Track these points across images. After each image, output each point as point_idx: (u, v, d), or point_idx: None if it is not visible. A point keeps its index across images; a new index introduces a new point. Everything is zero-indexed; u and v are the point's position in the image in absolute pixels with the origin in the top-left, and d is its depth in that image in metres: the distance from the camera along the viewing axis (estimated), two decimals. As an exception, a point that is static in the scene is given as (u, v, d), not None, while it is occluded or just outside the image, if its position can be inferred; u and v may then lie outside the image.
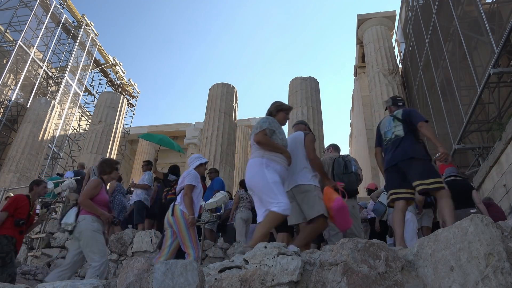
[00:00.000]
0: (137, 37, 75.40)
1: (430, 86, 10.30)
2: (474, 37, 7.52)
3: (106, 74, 22.25)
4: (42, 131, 15.19)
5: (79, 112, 20.67)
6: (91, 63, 20.51)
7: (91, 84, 21.91)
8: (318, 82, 12.71)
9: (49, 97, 17.29)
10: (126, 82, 22.83)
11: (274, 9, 74.48)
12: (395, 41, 14.09)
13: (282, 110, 3.26)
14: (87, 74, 20.36)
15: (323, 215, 2.93)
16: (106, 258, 3.47)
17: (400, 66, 13.56)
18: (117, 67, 22.07)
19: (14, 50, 15.61)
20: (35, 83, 17.02)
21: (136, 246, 5.52)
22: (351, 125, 21.28)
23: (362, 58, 15.09)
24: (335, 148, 4.59)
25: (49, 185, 6.63)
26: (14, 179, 13.57)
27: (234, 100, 13.14)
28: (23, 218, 4.09)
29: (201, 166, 4.06)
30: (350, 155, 4.89)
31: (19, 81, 16.14)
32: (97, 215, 3.57)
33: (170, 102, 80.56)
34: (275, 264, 1.79)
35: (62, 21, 18.51)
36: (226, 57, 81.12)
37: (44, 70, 17.68)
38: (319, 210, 2.93)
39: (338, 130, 69.44)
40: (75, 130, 20.21)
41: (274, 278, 1.75)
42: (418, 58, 11.17)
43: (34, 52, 16.92)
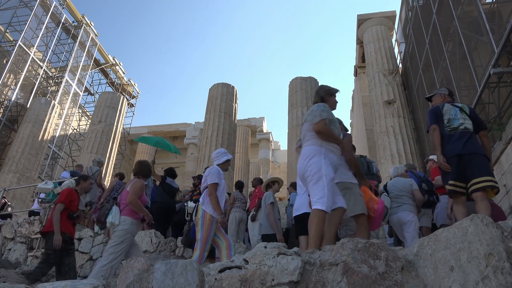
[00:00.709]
0: (137, 37, 75.40)
1: (430, 86, 10.30)
2: (474, 37, 7.52)
3: (106, 74, 22.25)
4: (42, 131, 15.19)
5: (79, 112, 20.67)
6: (91, 63, 20.51)
7: (91, 84, 21.93)
8: (318, 82, 12.71)
9: (49, 97, 17.29)
10: (126, 82, 22.82)
11: (274, 9, 74.49)
12: (395, 41, 14.09)
13: (332, 94, 3.16)
14: (87, 74, 20.36)
15: (364, 214, 3.00)
16: (116, 262, 3.51)
17: (400, 66, 13.56)
18: (117, 67, 22.07)
19: (14, 50, 15.61)
20: (35, 83, 17.02)
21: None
22: (351, 125, 21.27)
23: (362, 58, 15.09)
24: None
25: (49, 185, 6.65)
26: (14, 179, 13.57)
27: (234, 100, 13.14)
28: (76, 211, 4.16)
29: (226, 162, 3.99)
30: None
31: (19, 81, 16.13)
32: (136, 218, 3.67)
33: (170, 102, 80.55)
34: (275, 264, 1.79)
35: (62, 21, 18.51)
36: (226, 57, 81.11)
37: (44, 70, 17.68)
38: (362, 208, 2.99)
39: (338, 130, 69.21)
40: (75, 130, 20.20)
41: (274, 278, 1.75)
42: (418, 58, 11.17)
43: (34, 52, 16.92)
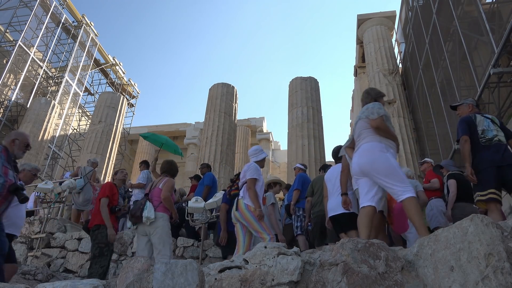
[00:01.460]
0: (137, 37, 75.42)
1: (430, 86, 10.30)
2: (474, 37, 7.52)
3: (106, 74, 22.25)
4: (42, 131, 15.19)
5: (79, 112, 20.67)
6: (91, 63, 20.51)
7: (91, 84, 21.93)
8: (318, 82, 12.71)
9: (49, 97, 17.29)
10: (126, 82, 22.83)
11: (274, 9, 74.51)
12: (395, 41, 14.09)
13: (382, 96, 3.27)
14: (87, 74, 20.36)
15: (382, 212, 3.04)
16: (170, 255, 3.67)
17: (400, 66, 13.56)
18: (117, 67, 22.07)
19: (14, 50, 15.61)
20: (35, 83, 17.02)
21: (136, 246, 5.52)
22: (351, 125, 21.27)
23: (362, 58, 15.09)
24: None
25: (48, 185, 6.65)
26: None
27: (234, 100, 13.13)
28: (117, 205, 4.23)
29: (263, 159, 4.10)
30: None
31: (19, 81, 16.14)
32: (170, 214, 3.81)
33: (170, 102, 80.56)
34: (275, 264, 1.79)
35: (62, 21, 18.51)
36: (226, 57, 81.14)
37: (44, 70, 17.68)
38: (383, 205, 3.05)
39: (338, 130, 69.44)
40: (75, 130, 20.21)
41: (274, 278, 1.75)
42: (418, 58, 11.17)
43: (34, 52, 16.92)
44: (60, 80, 18.26)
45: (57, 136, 17.58)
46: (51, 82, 18.39)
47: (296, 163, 7.37)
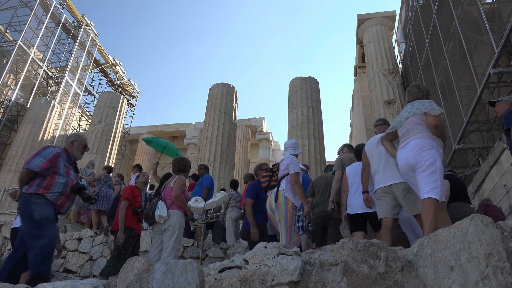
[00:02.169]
0: (137, 37, 75.40)
1: (430, 86, 10.29)
2: (474, 37, 7.52)
3: (106, 74, 22.25)
4: (42, 131, 15.19)
5: (79, 112, 20.68)
6: (91, 63, 20.51)
7: (91, 84, 21.93)
8: (318, 82, 12.71)
9: (49, 97, 17.29)
10: (126, 82, 22.83)
11: (274, 9, 74.50)
12: (395, 41, 14.09)
13: (430, 94, 3.25)
14: (87, 74, 20.36)
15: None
16: (176, 253, 3.69)
17: (400, 66, 13.56)
18: (117, 67, 22.07)
19: (14, 50, 15.61)
20: (35, 83, 17.02)
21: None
22: (351, 125, 21.28)
23: (362, 58, 15.09)
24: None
25: None
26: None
27: (234, 100, 13.13)
28: (140, 206, 4.28)
29: (297, 155, 4.15)
30: None
31: (19, 81, 16.14)
32: (183, 212, 3.82)
33: (170, 102, 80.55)
34: (275, 264, 1.79)
35: (62, 21, 18.51)
36: (226, 57, 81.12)
37: (44, 70, 17.68)
38: (420, 208, 3.03)
39: (338, 130, 69.45)
40: (75, 130, 20.20)
41: (274, 278, 1.75)
42: (418, 58, 11.17)
43: (34, 52, 16.92)
44: (60, 80, 18.26)
45: (57, 136, 17.57)
46: (51, 82, 18.40)
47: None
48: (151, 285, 1.69)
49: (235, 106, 13.18)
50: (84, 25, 19.66)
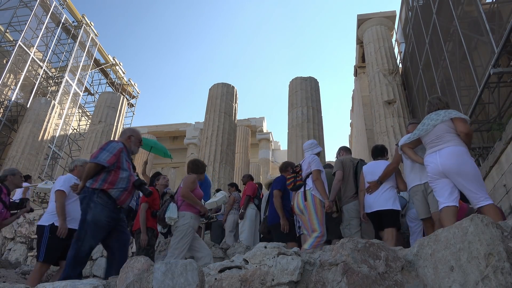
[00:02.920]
0: (137, 37, 75.36)
1: (430, 86, 10.30)
2: (474, 37, 7.51)
3: (106, 74, 22.25)
4: (42, 131, 15.19)
5: (79, 112, 20.68)
6: (91, 63, 20.51)
7: (91, 84, 21.94)
8: (318, 82, 12.70)
9: (49, 97, 17.29)
10: (126, 82, 22.83)
11: (274, 9, 74.48)
12: (395, 41, 14.08)
13: (449, 107, 3.35)
14: (87, 74, 20.36)
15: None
16: (182, 257, 3.67)
17: (400, 66, 13.55)
18: (117, 67, 22.07)
19: (14, 50, 15.61)
20: (35, 83, 17.02)
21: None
22: (351, 125, 21.28)
23: (362, 58, 15.08)
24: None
25: (48, 184, 6.66)
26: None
27: (234, 100, 13.13)
28: (158, 209, 4.32)
29: (319, 153, 4.20)
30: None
31: (19, 81, 16.14)
32: (195, 212, 3.83)
33: (170, 102, 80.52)
34: (275, 264, 1.79)
35: (62, 21, 18.51)
36: (226, 57, 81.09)
37: (44, 70, 17.68)
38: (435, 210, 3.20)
39: (338, 130, 69.45)
40: (75, 130, 20.21)
41: (274, 278, 1.75)
42: (418, 58, 11.17)
43: (34, 52, 16.92)
44: (60, 80, 18.27)
45: (57, 136, 17.58)
46: (51, 82, 18.40)
47: (296, 163, 7.38)
48: (151, 285, 1.69)
49: (235, 106, 13.18)
50: (84, 25, 19.66)
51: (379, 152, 4.19)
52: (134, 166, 3.33)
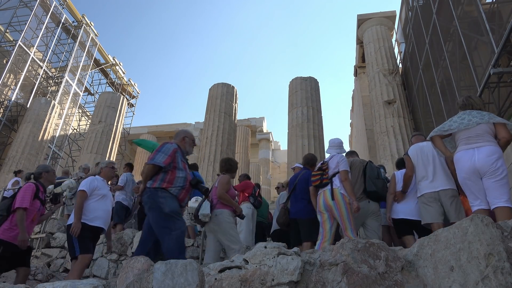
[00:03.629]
0: (137, 37, 75.37)
1: (430, 86, 10.30)
2: (474, 37, 7.51)
3: (106, 74, 22.25)
4: (42, 131, 15.19)
5: (79, 112, 20.68)
6: (91, 63, 20.51)
7: (91, 84, 21.94)
8: (318, 82, 12.70)
9: (49, 97, 17.29)
10: (126, 82, 22.83)
11: (275, 9, 74.50)
12: (395, 41, 14.08)
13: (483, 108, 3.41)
14: (87, 74, 20.36)
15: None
16: (241, 244, 3.77)
17: (400, 66, 13.55)
18: (117, 67, 22.07)
19: (14, 50, 15.61)
20: (35, 83, 17.02)
21: (136, 246, 5.51)
22: (351, 125, 21.29)
23: (362, 58, 15.09)
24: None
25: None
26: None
27: (234, 100, 13.13)
28: None
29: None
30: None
31: (19, 81, 16.14)
32: (231, 210, 3.89)
33: (170, 102, 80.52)
34: (275, 264, 1.79)
35: (62, 21, 18.51)
36: (226, 57, 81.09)
37: (44, 70, 17.68)
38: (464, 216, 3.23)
39: (338, 130, 69.45)
40: (75, 130, 20.21)
41: (274, 278, 1.75)
42: (418, 58, 11.17)
43: (34, 52, 16.92)
44: (60, 80, 18.27)
45: (57, 136, 17.58)
46: (51, 82, 18.40)
47: (296, 163, 7.37)
48: (151, 285, 1.69)
49: (235, 106, 13.18)
50: (84, 25, 19.66)
51: (404, 164, 4.26)
52: (190, 165, 3.44)
